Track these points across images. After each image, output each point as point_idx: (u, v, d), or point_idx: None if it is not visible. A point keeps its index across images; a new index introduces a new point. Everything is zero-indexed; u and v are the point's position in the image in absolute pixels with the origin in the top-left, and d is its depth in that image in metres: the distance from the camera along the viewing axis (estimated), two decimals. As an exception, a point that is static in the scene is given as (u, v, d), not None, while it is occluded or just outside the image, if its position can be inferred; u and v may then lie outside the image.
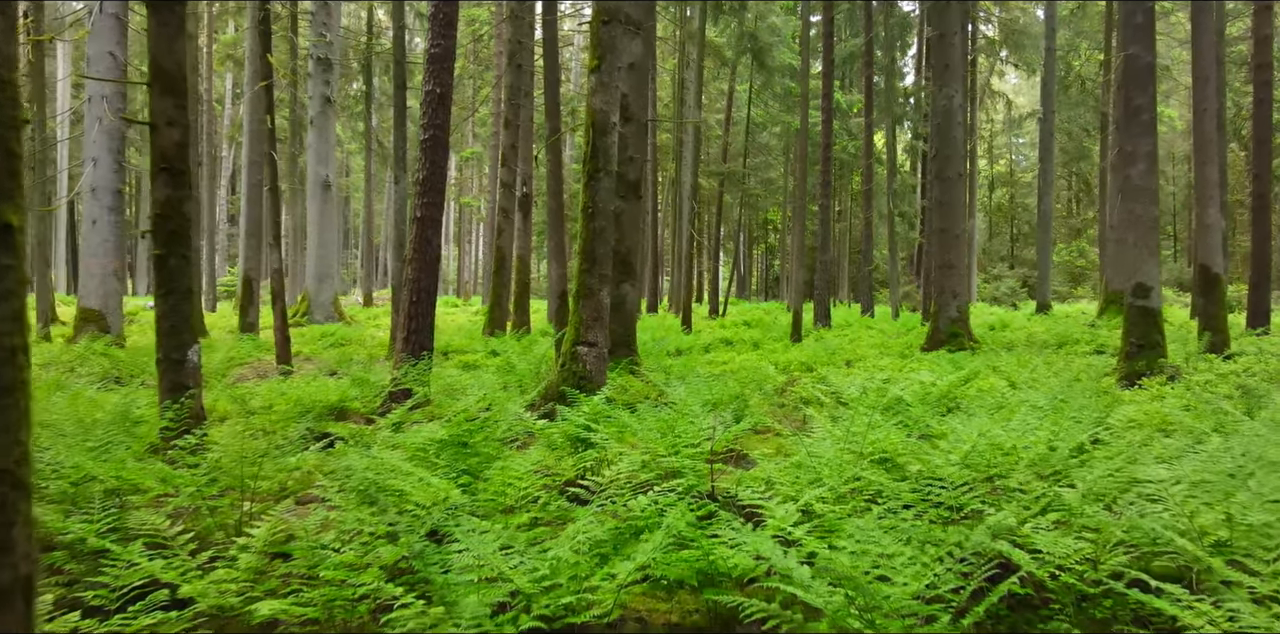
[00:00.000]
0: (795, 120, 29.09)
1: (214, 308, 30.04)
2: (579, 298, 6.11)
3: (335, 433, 4.55)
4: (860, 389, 6.64)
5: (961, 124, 12.49)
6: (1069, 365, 9.62)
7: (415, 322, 7.24)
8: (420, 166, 7.25)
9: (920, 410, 5.86)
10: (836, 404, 6.96)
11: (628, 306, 8.42)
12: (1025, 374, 8.37)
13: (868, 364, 10.43)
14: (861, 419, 3.88)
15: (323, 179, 21.34)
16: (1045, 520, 3.03)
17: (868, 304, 23.69)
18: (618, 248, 8.30)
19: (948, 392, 6.42)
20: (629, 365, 8.11)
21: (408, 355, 7.25)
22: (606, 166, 6.06)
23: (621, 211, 8.29)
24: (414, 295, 7.23)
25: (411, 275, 7.26)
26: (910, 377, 8.30)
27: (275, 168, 9.25)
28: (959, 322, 12.17)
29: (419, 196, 7.25)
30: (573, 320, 6.12)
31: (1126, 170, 9.01)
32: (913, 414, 5.74)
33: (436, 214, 7.29)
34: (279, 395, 6.22)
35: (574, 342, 6.08)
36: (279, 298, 9.44)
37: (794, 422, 6.78)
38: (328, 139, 20.71)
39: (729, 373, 10.06)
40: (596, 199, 6.06)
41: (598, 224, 6.06)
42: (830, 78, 20.22)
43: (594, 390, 6.03)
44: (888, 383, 7.81)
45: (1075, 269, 36.70)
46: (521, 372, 7.02)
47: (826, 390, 6.95)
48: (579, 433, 3.96)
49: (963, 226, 12.48)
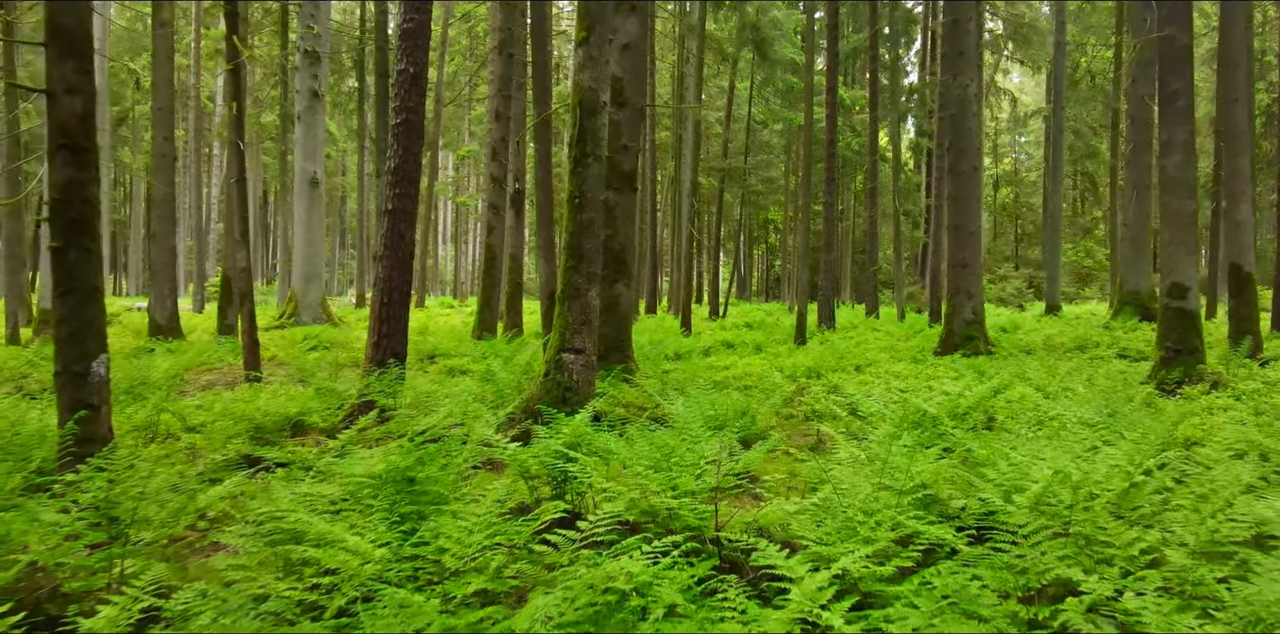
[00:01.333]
0: (797, 117, 28.42)
1: (201, 309, 29.38)
2: (564, 299, 5.43)
3: (272, 458, 3.86)
4: (880, 401, 5.96)
5: (977, 115, 11.81)
6: (1096, 371, 8.93)
7: (387, 325, 6.56)
8: (392, 153, 6.57)
9: (949, 425, 5.18)
10: (852, 416, 6.28)
11: (621, 308, 7.74)
12: (1054, 382, 7.70)
13: (879, 370, 9.75)
14: (895, 447, 3.20)
15: (310, 176, 20.66)
16: (1148, 585, 2.35)
17: (872, 305, 23.01)
18: (610, 244, 7.62)
19: (977, 404, 5.74)
20: (622, 373, 7.42)
21: (378, 363, 6.57)
22: (595, 151, 5.37)
23: (615, 204, 7.60)
24: (384, 296, 6.55)
25: (382, 274, 6.58)
26: (930, 385, 7.62)
27: (242, 158, 8.57)
28: (974, 324, 11.48)
29: (390, 186, 6.56)
30: (557, 324, 5.44)
31: (1162, 161, 8.33)
32: (942, 431, 5.06)
33: (410, 206, 6.61)
34: (230, 408, 5.54)
35: (558, 348, 5.39)
36: (246, 299, 8.75)
37: (804, 436, 6.10)
38: (315, 134, 20.02)
39: (731, 378, 9.37)
40: (585, 187, 5.37)
41: (586, 216, 5.38)
42: (834, 71, 19.55)
43: (581, 403, 5.34)
44: (906, 393, 7.13)
45: (1082, 269, 36.03)
46: (502, 381, 6.34)
47: (841, 402, 6.27)
48: (555, 463, 3.28)
49: (978, 223, 11.80)
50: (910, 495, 3.03)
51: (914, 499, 3.12)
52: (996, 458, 3.64)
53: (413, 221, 6.60)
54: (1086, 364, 9.84)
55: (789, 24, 26.90)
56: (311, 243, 20.76)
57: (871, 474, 4.20)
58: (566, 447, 3.63)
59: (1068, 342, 12.80)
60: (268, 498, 2.81)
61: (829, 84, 19.19)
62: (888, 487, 3.02)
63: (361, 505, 2.69)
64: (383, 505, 2.71)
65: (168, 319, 13.62)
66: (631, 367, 7.73)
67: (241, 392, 7.74)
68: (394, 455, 3.14)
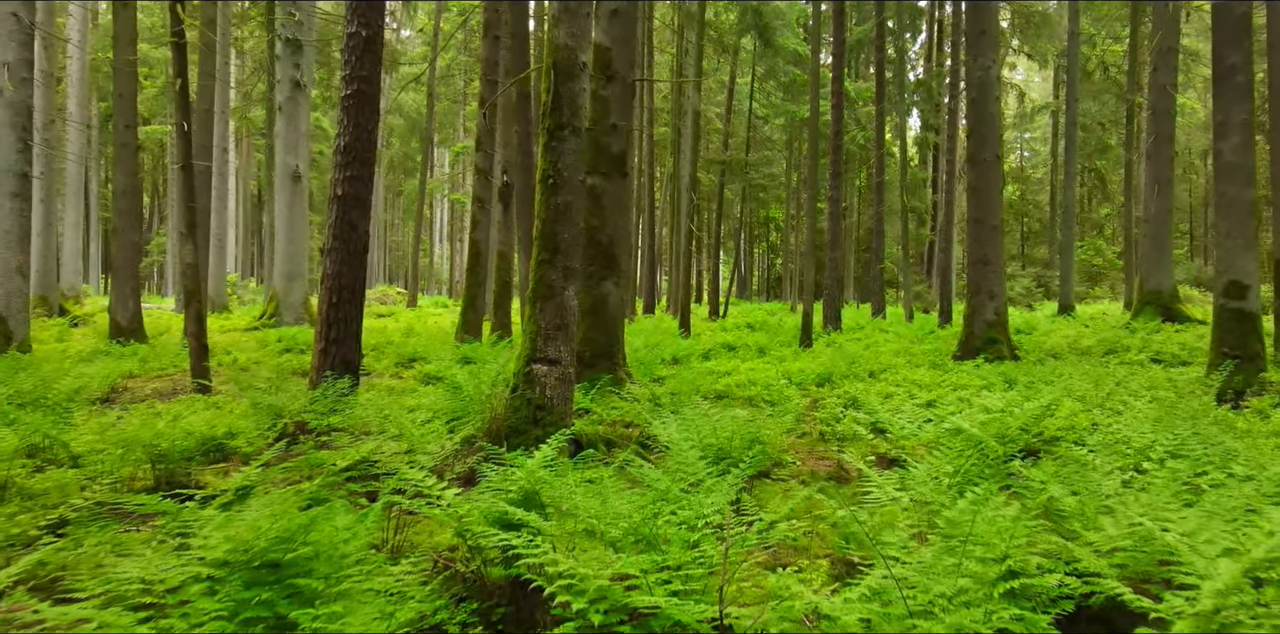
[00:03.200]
0: (800, 109, 27.51)
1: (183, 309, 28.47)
2: (535, 299, 4.53)
3: (141, 507, 2.95)
4: (907, 417, 5.06)
5: (998, 99, 10.92)
6: (1137, 379, 8.02)
7: (335, 329, 5.66)
8: (342, 130, 5.68)
9: (998, 449, 4.29)
10: (875, 433, 5.39)
11: (610, 309, 6.83)
12: (1099, 393, 6.81)
13: (897, 377, 8.85)
14: (964, 505, 2.30)
15: (292, 170, 19.77)
16: None
17: (879, 305, 22.12)
18: (597, 236, 6.71)
19: (1029, 423, 4.84)
20: (611, 383, 6.53)
21: (326, 372, 5.67)
22: (573, 122, 4.47)
23: (603, 191, 6.70)
24: (332, 295, 5.65)
25: (330, 269, 5.68)
26: (961, 396, 6.72)
27: (189, 141, 7.66)
28: (997, 326, 10.58)
29: (340, 168, 5.67)
30: (527, 329, 4.55)
31: (1217, 144, 7.43)
32: (992, 457, 4.17)
33: (363, 191, 5.71)
34: (139, 431, 4.63)
35: (528, 358, 4.49)
36: (193, 298, 7.86)
37: (821, 460, 5.20)
38: (298, 127, 19.11)
39: (734, 387, 8.47)
40: (560, 165, 4.47)
41: (561, 199, 4.48)
42: (841, 59, 18.67)
43: (555, 424, 4.44)
44: (934, 407, 6.23)
45: (1091, 268, 35.14)
46: (470, 393, 5.44)
47: (863, 418, 5.37)
48: (497, 528, 2.39)
49: (1000, 216, 10.91)
50: (995, 576, 2.13)
51: (999, 574, 2.22)
52: (1091, 511, 2.74)
53: (366, 209, 5.70)
54: (1122, 371, 8.94)
55: (791, 14, 26.03)
56: (294, 240, 19.86)
57: (917, 520, 3.31)
58: (520, 498, 2.73)
59: (1094, 345, 11.90)
60: (74, 577, 1.92)
61: (835, 73, 18.30)
62: (968, 571, 2.11)
63: (191, 610, 1.80)
64: (226, 605, 1.82)
65: (129, 320, 12.73)
66: (621, 375, 6.83)
67: (177, 404, 6.85)
68: (268, 518, 2.24)
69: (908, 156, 26.23)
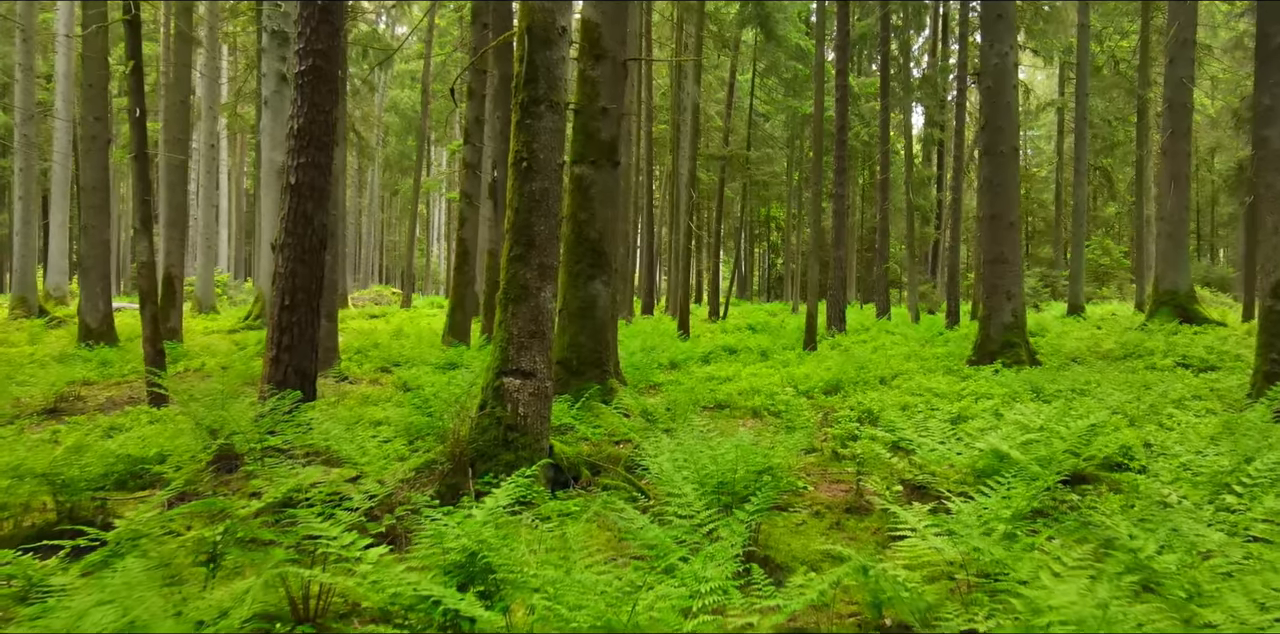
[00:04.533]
0: (803, 105, 26.91)
1: (173, 309, 27.81)
2: (506, 301, 3.91)
3: None
4: (932, 433, 4.42)
5: (1016, 88, 10.29)
6: (1171, 387, 7.38)
7: (288, 335, 5.04)
8: (295, 111, 5.05)
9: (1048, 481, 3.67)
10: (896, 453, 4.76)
11: (599, 311, 6.20)
12: (1141, 405, 6.19)
13: (911, 384, 8.22)
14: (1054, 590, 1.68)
15: (278, 166, 19.10)
16: None
17: (884, 306, 21.50)
18: (585, 231, 6.09)
19: (1076, 445, 4.21)
20: (600, 394, 5.90)
21: (278, 384, 5.05)
22: (550, 96, 3.85)
23: (591, 182, 6.07)
24: (285, 297, 5.03)
25: (282, 267, 5.05)
26: (989, 408, 6.09)
27: (143, 129, 7.04)
28: (1015, 329, 9.95)
29: (294, 154, 5.04)
30: (497, 337, 3.92)
31: (1262, 131, 6.82)
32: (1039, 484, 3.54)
33: (320, 180, 5.08)
34: (53, 454, 4.01)
35: (498, 370, 3.87)
36: (148, 300, 7.23)
37: (835, 484, 4.58)
38: (284, 122, 18.52)
39: (736, 396, 7.84)
40: (535, 146, 3.85)
41: (536, 186, 3.85)
42: (845, 52, 18.02)
43: (530, 448, 3.82)
44: (961, 421, 5.60)
45: (1098, 268, 34.49)
46: (438, 408, 4.82)
47: (883, 436, 4.74)
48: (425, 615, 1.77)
49: (1017, 212, 10.28)
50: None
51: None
52: (1205, 578, 2.11)
53: (324, 200, 5.07)
54: (1152, 377, 8.31)
55: (793, 8, 25.39)
56: (280, 238, 19.28)
57: (967, 579, 2.69)
58: (463, 560, 2.10)
59: (1115, 348, 11.27)
60: None
61: (839, 67, 17.65)
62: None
63: None
64: None
65: (100, 322, 12.10)
66: (612, 385, 6.20)
67: (122, 417, 6.22)
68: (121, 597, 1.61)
69: (913, 153, 25.60)
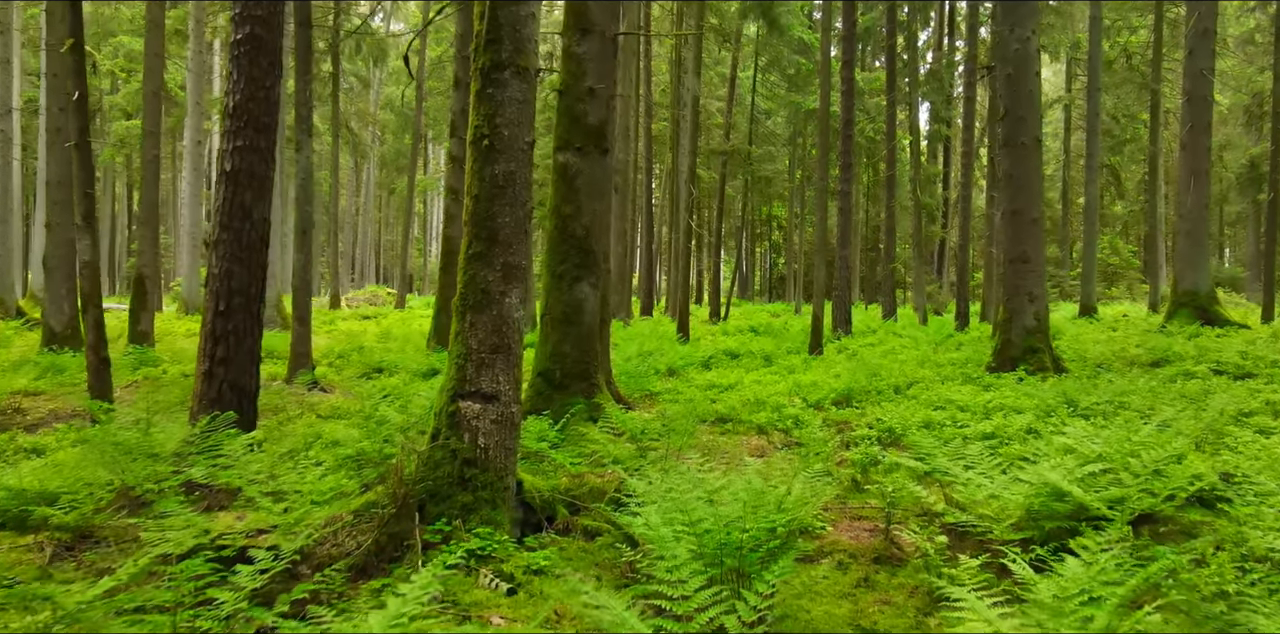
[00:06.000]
0: (807, 101, 26.24)
1: (159, 307, 27.18)
2: (464, 309, 3.22)
3: None
4: (979, 467, 3.74)
5: (1038, 76, 9.59)
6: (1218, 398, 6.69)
7: (223, 345, 4.36)
8: (231, 87, 4.37)
9: (1122, 531, 3.00)
10: (925, 481, 4.08)
11: (586, 317, 5.51)
12: (1197, 425, 5.51)
13: (930, 394, 7.55)
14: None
15: (263, 162, 18.47)
16: None
17: (890, 307, 20.82)
18: (571, 227, 5.41)
19: (1148, 479, 3.52)
20: (587, 411, 5.21)
21: (212, 402, 4.38)
22: (515, 59, 3.17)
23: (577, 171, 5.39)
24: (220, 300, 4.35)
25: (217, 268, 4.38)
26: (1021, 423, 5.40)
27: (84, 114, 6.36)
28: (1037, 333, 9.27)
29: (229, 136, 4.36)
30: (452, 352, 3.24)
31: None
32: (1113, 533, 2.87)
33: (260, 166, 4.41)
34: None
35: (453, 392, 3.19)
36: (91, 303, 6.55)
37: (858, 522, 3.90)
38: (269, 116, 17.83)
39: (739, 408, 7.14)
40: (498, 121, 3.17)
41: (500, 169, 3.17)
42: (852, 43, 17.35)
43: (491, 486, 3.15)
44: (998, 443, 4.91)
45: (1107, 267, 33.79)
46: (391, 430, 4.15)
47: (909, 462, 4.05)
48: None
49: (1040, 208, 9.59)
50: None
51: None
52: None
53: (265, 189, 4.39)
54: (1192, 386, 7.62)
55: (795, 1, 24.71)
56: (265, 237, 18.63)
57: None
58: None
59: (1142, 354, 10.57)
60: None
61: (846, 58, 16.98)
62: None
63: None
64: None
65: (65, 325, 11.43)
66: (601, 400, 5.51)
67: (48, 436, 5.54)
68: None
69: (920, 149, 24.92)
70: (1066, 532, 3.22)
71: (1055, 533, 3.23)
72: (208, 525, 2.79)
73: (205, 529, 2.72)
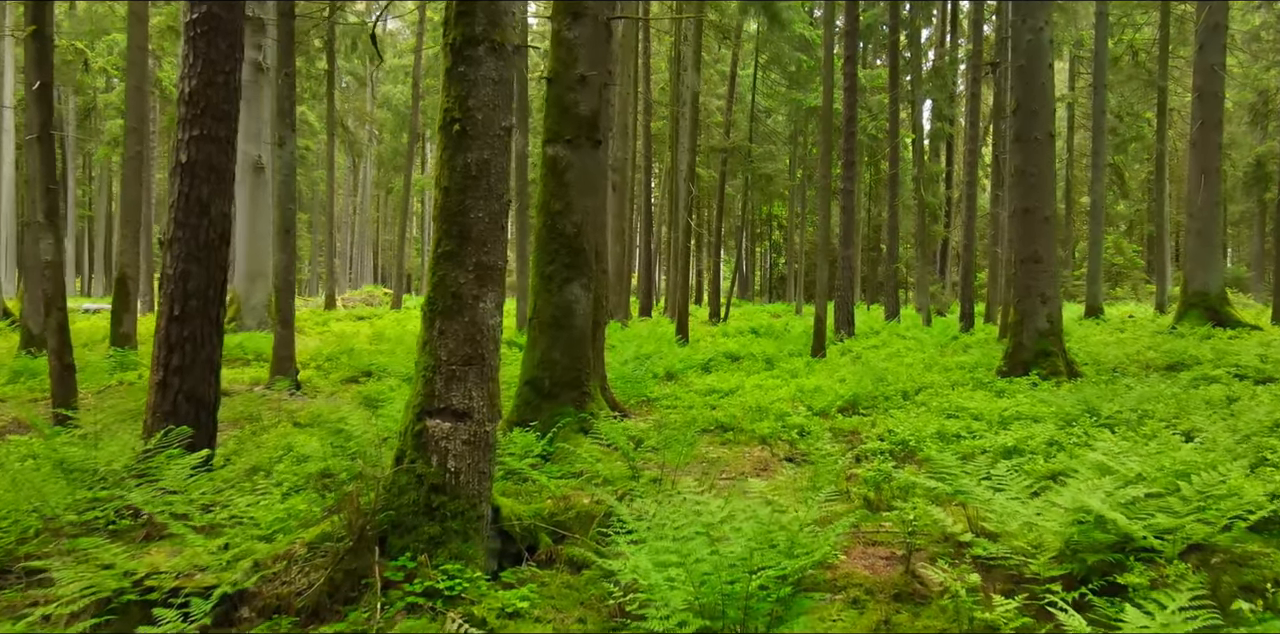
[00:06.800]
0: (808, 98, 25.87)
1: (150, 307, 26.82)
2: (433, 315, 2.86)
3: None
4: (1008, 489, 3.38)
5: (1051, 68, 9.24)
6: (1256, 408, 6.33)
7: (179, 353, 4.00)
8: (187, 71, 4.01)
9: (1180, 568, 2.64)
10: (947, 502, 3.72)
11: (577, 320, 5.14)
12: (1232, 437, 5.15)
13: (941, 401, 7.19)
14: None
15: (254, 160, 18.19)
16: None
17: (894, 308, 20.47)
18: (560, 225, 5.05)
19: (1202, 506, 3.15)
20: (577, 422, 4.84)
21: (166, 415, 4.02)
22: (490, 33, 2.81)
23: (567, 164, 5.03)
24: (174, 304, 3.99)
25: (172, 268, 4.02)
26: (1043, 434, 5.04)
27: (49, 106, 6.02)
28: (1050, 336, 8.91)
29: (185, 125, 4.01)
30: (420, 362, 2.89)
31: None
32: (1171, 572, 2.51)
33: (219, 157, 4.05)
34: None
35: (420, 409, 2.83)
36: (53, 307, 6.20)
37: (873, 548, 3.53)
38: (259, 113, 17.49)
39: (740, 417, 6.78)
40: (471, 103, 2.81)
41: (473, 157, 2.82)
42: (855, 38, 17.00)
43: (462, 514, 2.80)
44: (1021, 458, 4.54)
45: (1111, 267, 33.46)
46: (363, 444, 3.79)
47: (925, 482, 3.68)
48: None
49: (1054, 206, 9.24)
50: None
51: None
52: None
53: (225, 183, 4.03)
54: (1216, 391, 7.26)
55: None
56: (257, 237, 18.30)
57: None
58: None
59: (1157, 357, 10.21)
60: None
61: (849, 53, 16.63)
62: None
63: None
64: None
65: (43, 327, 11.04)
66: (593, 409, 5.15)
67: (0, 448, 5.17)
68: None
69: (923, 148, 24.56)
70: (1112, 566, 2.86)
71: (1099, 567, 2.86)
72: (131, 566, 2.43)
73: (127, 571, 2.36)
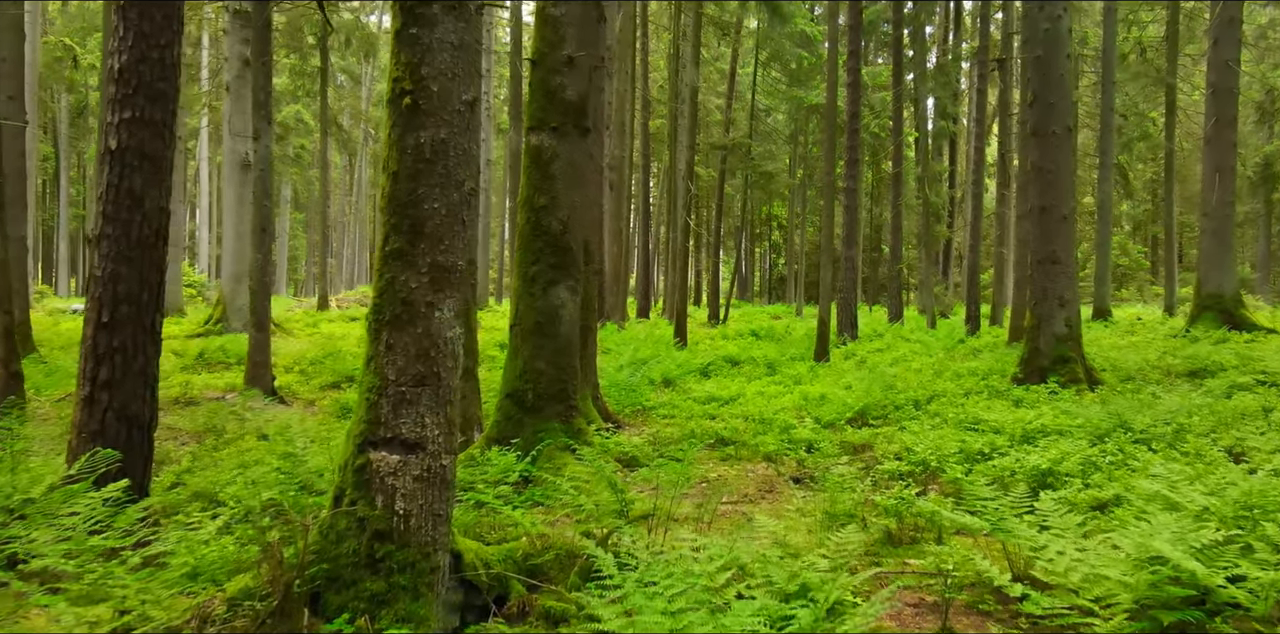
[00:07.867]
0: (809, 95, 25.41)
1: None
2: (379, 325, 2.40)
3: None
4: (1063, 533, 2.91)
5: (1070, 57, 8.78)
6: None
7: (108, 365, 3.53)
8: (117, 46, 3.55)
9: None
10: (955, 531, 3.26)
11: (564, 328, 4.66)
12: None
13: (956, 412, 6.71)
14: None
15: (241, 157, 17.77)
16: None
17: (897, 310, 19.99)
18: (544, 222, 4.58)
19: None
20: (563, 440, 4.37)
21: (94, 435, 3.55)
22: (450, -13, 2.33)
23: (553, 155, 4.56)
24: (103, 310, 3.52)
25: (100, 269, 3.55)
26: (1079, 453, 4.57)
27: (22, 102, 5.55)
28: (1069, 341, 8.45)
29: (114, 106, 3.55)
30: (363, 382, 2.42)
31: None
32: None
33: (155, 144, 3.58)
34: None
35: (362, 438, 2.36)
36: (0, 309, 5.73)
37: (901, 592, 3.05)
38: (247, 109, 17.02)
39: (741, 429, 6.31)
40: (423, 71, 2.35)
41: (427, 136, 2.35)
42: (858, 32, 16.54)
43: (411, 566, 2.32)
44: (1056, 486, 4.07)
45: (1116, 268, 32.98)
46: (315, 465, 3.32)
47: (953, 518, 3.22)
48: None
49: (1072, 204, 8.78)
50: None
51: None
52: None
53: (161, 172, 3.56)
54: (1250, 401, 6.79)
55: (798, -7, 23.88)
56: (244, 235, 17.80)
57: None
58: None
59: (1178, 363, 9.74)
60: None
61: (852, 48, 16.16)
62: None
63: None
64: None
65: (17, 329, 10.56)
66: (581, 423, 4.68)
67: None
68: None
69: (926, 146, 24.11)
70: (1191, 626, 2.39)
71: (1175, 628, 2.40)
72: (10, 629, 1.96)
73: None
